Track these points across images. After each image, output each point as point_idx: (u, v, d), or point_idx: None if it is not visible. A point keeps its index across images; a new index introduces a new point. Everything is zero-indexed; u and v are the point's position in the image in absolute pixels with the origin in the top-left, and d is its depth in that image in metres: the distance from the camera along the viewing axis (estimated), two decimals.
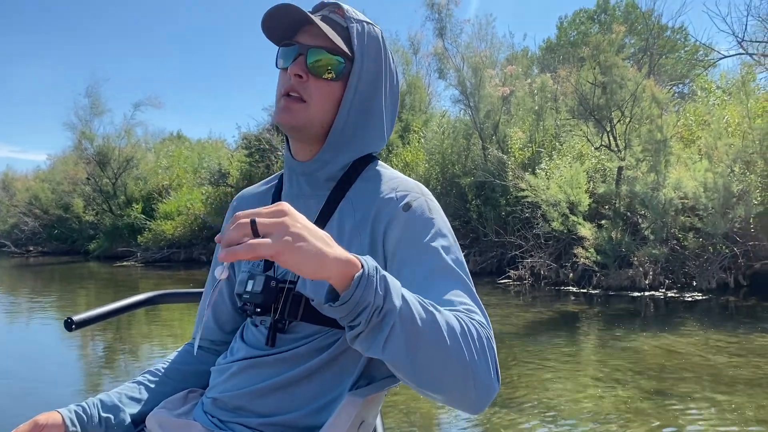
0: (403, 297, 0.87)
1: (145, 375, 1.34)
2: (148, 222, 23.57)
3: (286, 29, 1.17)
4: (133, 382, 1.32)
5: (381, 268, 0.87)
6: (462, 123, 17.34)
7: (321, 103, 1.17)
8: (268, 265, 1.22)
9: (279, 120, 1.17)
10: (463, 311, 0.97)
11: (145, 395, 1.29)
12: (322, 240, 0.83)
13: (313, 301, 1.13)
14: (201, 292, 1.51)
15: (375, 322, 0.85)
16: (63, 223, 29.72)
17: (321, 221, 1.19)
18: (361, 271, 0.84)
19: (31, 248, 31.17)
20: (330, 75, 1.16)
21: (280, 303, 1.16)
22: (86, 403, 1.22)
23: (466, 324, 0.93)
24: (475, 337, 0.93)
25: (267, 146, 21.53)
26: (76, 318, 1.56)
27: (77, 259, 25.43)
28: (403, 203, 1.15)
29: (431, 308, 0.90)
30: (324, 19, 1.18)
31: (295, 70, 1.14)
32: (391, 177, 1.23)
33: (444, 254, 1.09)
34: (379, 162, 1.28)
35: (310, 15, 1.13)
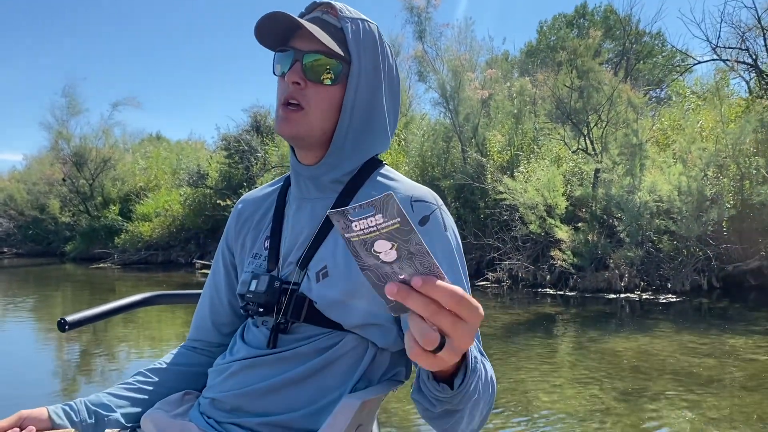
0: (481, 367, 0.92)
1: (137, 377, 1.30)
2: (125, 223, 23.34)
3: (279, 35, 1.15)
4: (124, 384, 1.27)
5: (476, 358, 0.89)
6: (442, 126, 17.42)
7: (320, 109, 1.15)
8: (272, 264, 1.22)
9: (279, 131, 1.16)
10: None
11: (138, 396, 1.25)
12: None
13: (317, 303, 1.13)
14: (198, 294, 1.49)
15: (457, 404, 0.89)
16: (38, 224, 29.32)
17: (328, 225, 1.18)
18: (468, 362, 0.83)
19: (5, 250, 30.74)
20: (328, 79, 1.14)
21: (283, 304, 1.15)
22: (74, 402, 1.19)
23: (492, 388, 1.01)
24: (493, 390, 1.02)
25: (246, 147, 21.45)
26: (69, 318, 1.51)
27: (53, 260, 25.10)
28: (420, 217, 1.14)
29: (487, 379, 0.97)
30: (316, 20, 1.15)
31: (293, 78, 1.13)
32: (403, 182, 1.22)
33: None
34: (386, 166, 1.28)
35: (298, 20, 1.10)
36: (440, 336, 0.64)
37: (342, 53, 1.14)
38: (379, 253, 0.63)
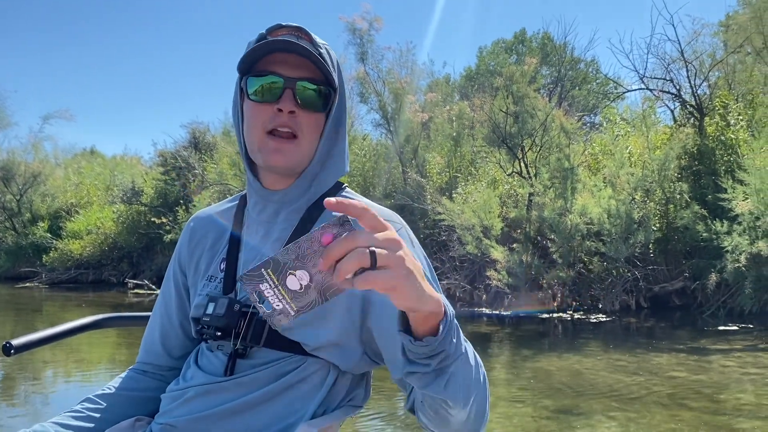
0: (465, 343, 0.92)
1: (84, 403, 1.23)
2: (54, 241, 22.50)
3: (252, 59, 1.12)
4: (72, 411, 1.20)
5: (453, 312, 0.88)
6: (383, 147, 17.62)
7: (311, 137, 1.15)
8: (228, 288, 1.18)
9: (272, 162, 1.13)
10: None
11: (86, 424, 1.18)
12: (422, 275, 0.79)
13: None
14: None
15: (442, 366, 0.88)
16: None
17: None
18: (445, 318, 0.84)
19: None
20: (320, 106, 1.14)
21: (242, 327, 1.11)
22: None
23: (482, 367, 1.01)
24: (485, 380, 1.01)
25: (183, 164, 21.07)
26: (15, 342, 1.41)
27: None
28: None
29: (473, 352, 0.97)
30: (296, 45, 1.11)
31: (289, 107, 1.10)
32: (367, 204, 1.21)
33: None
34: (348, 189, 1.27)
35: (313, 53, 1.09)
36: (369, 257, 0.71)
37: (334, 81, 1.14)
38: (296, 288, 0.71)
